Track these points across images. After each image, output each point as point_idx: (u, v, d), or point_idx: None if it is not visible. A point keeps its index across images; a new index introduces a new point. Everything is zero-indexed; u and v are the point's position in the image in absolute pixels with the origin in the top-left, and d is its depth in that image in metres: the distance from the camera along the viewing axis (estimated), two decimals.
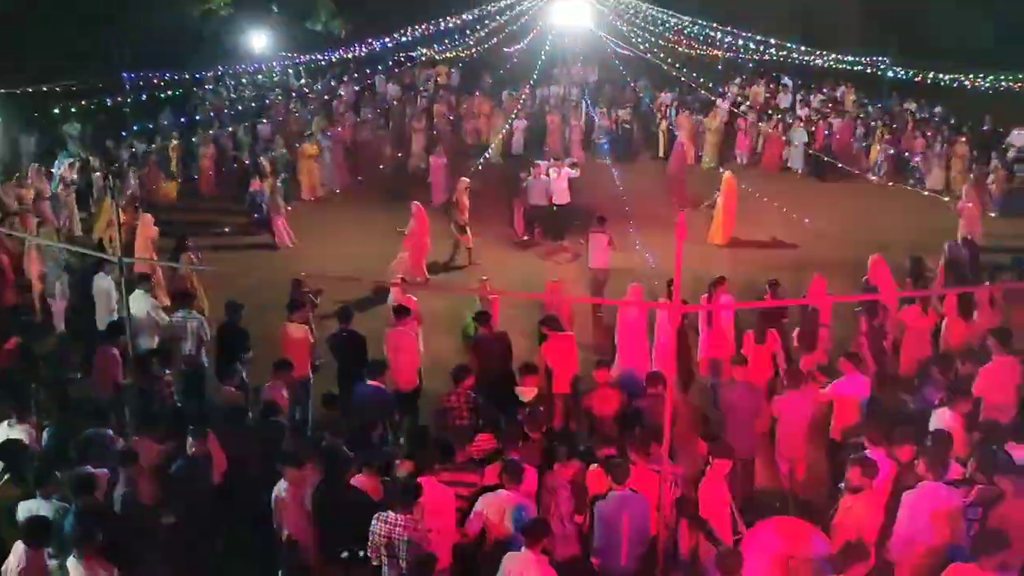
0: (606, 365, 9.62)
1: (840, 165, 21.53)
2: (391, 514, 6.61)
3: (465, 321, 11.41)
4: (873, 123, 23.78)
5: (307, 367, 10.49)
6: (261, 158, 20.17)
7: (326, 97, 27.00)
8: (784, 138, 23.29)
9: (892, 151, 22.26)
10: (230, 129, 22.61)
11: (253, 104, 26.41)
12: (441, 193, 19.43)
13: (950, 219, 16.84)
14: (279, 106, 25.62)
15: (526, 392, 9.12)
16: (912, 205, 20.03)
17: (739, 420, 9.06)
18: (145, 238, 14.58)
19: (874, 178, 21.99)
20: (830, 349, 11.09)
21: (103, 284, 11.95)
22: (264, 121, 23.53)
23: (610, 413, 8.99)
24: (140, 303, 11.12)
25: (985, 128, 23.17)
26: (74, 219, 17.75)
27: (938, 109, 25.32)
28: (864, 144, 23.05)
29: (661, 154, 24.23)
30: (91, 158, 19.54)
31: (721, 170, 18.80)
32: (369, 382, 9.22)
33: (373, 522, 6.66)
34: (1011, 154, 21.08)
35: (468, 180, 16.93)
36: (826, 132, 23.40)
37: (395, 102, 26.39)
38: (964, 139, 21.40)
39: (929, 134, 22.38)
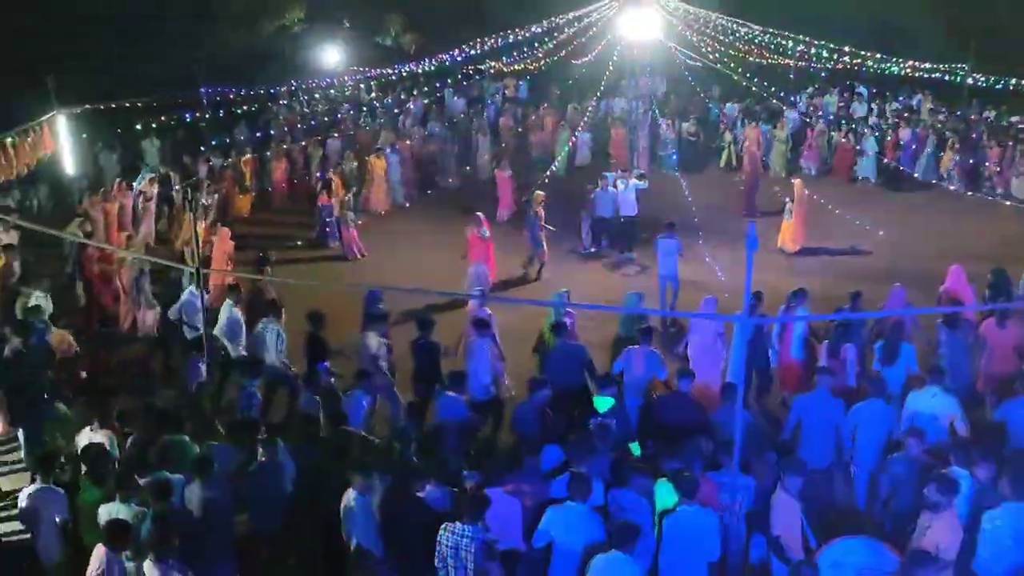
0: (685, 375, 9.50)
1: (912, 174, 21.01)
2: (458, 524, 6.64)
3: (543, 332, 11.38)
4: (947, 133, 23.08)
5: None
6: (330, 172, 20.43)
7: (395, 111, 27.33)
8: (856, 147, 22.80)
9: (967, 160, 21.58)
10: (302, 143, 22.96)
11: (325, 118, 26.85)
12: (508, 207, 19.50)
13: None
14: (349, 121, 26.06)
15: (602, 403, 9.00)
16: (990, 214, 19.39)
17: (816, 432, 8.88)
18: (222, 252, 14.85)
19: (951, 187, 21.40)
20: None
21: (190, 297, 11.97)
22: (335, 135, 23.86)
23: (683, 424, 8.88)
24: (228, 313, 11.42)
25: None
26: (151, 232, 18.17)
27: (1015, 118, 24.47)
28: (936, 153, 22.38)
29: (722, 164, 24.13)
30: (170, 173, 20.06)
31: (793, 179, 18.38)
32: (448, 393, 9.30)
33: (441, 532, 6.71)
34: None
35: (543, 193, 16.85)
36: (899, 142, 22.81)
37: (462, 115, 26.58)
38: None
39: (1011, 143, 21.62)
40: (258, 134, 23.96)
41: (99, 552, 6.58)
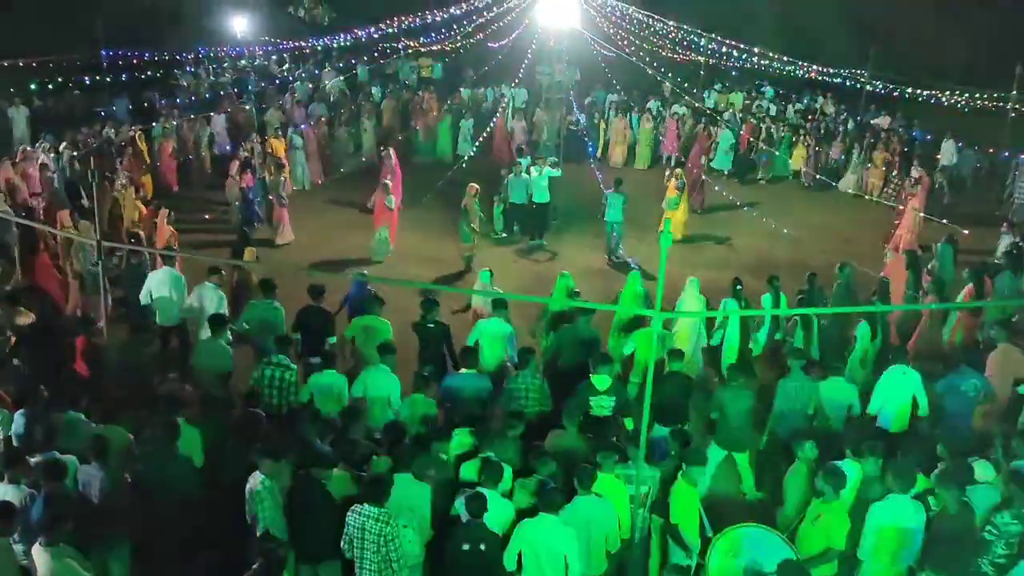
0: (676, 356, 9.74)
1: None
2: (365, 506, 6.64)
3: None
4: (801, 129, 24.12)
5: None
6: (243, 151, 19.23)
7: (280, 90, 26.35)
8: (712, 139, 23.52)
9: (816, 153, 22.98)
10: (191, 117, 21.49)
11: (221, 92, 25.74)
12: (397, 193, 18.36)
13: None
14: (234, 97, 24.89)
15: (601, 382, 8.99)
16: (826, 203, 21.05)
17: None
18: (164, 235, 13.95)
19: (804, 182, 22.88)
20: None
21: (165, 278, 11.29)
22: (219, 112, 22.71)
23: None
24: (212, 295, 10.88)
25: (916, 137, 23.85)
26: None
27: (877, 120, 25.78)
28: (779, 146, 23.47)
29: (598, 154, 24.16)
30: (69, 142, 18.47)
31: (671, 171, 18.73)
32: (463, 370, 9.27)
33: (348, 514, 6.70)
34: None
35: (477, 186, 16.42)
36: (750, 138, 23.71)
37: (342, 95, 25.93)
38: (887, 148, 21.90)
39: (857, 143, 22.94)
40: (162, 100, 23.03)
41: None
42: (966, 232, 16.24)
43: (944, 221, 16.90)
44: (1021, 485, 7.16)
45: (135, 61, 22.94)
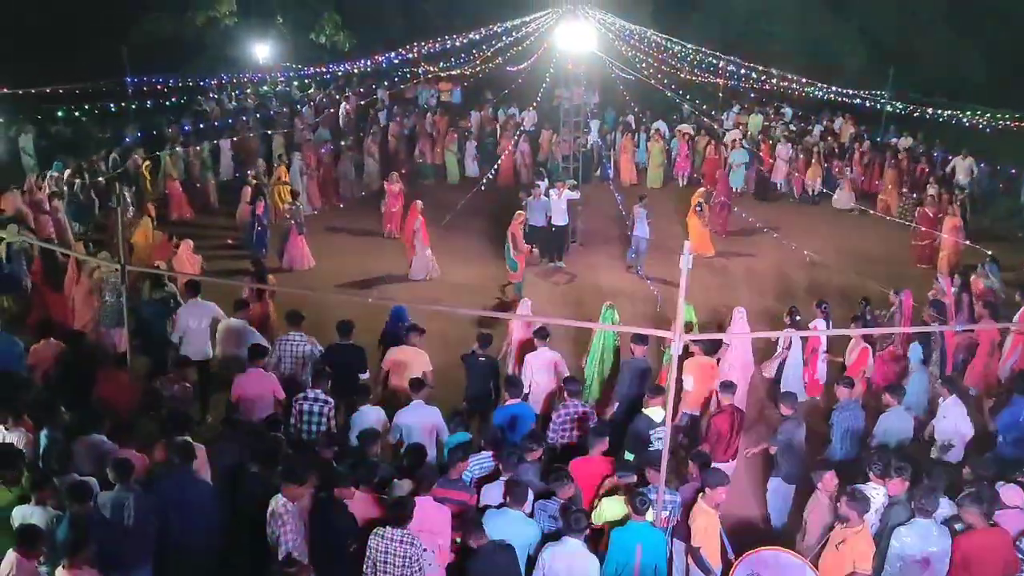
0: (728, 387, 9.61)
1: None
2: (388, 529, 6.64)
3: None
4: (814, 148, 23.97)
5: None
6: (252, 176, 18.96)
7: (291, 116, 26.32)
8: (726, 159, 23.47)
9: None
10: (197, 147, 21.26)
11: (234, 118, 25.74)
12: (395, 224, 18.58)
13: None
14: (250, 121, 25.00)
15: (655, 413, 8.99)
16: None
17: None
18: (188, 267, 13.71)
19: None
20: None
21: (199, 311, 11.05)
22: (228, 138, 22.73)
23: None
24: (237, 328, 10.73)
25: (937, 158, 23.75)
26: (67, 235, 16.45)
27: (898, 141, 25.53)
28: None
29: (597, 173, 24.05)
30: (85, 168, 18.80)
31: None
32: (510, 401, 9.24)
33: (371, 537, 6.71)
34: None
35: (524, 213, 16.30)
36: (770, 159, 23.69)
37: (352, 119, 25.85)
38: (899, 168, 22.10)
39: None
40: (186, 127, 23.32)
41: (10, 558, 6.33)
42: (989, 252, 16.16)
43: (967, 242, 16.79)
44: None
45: (159, 88, 23.25)
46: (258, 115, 26.29)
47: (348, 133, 24.26)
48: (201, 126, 23.60)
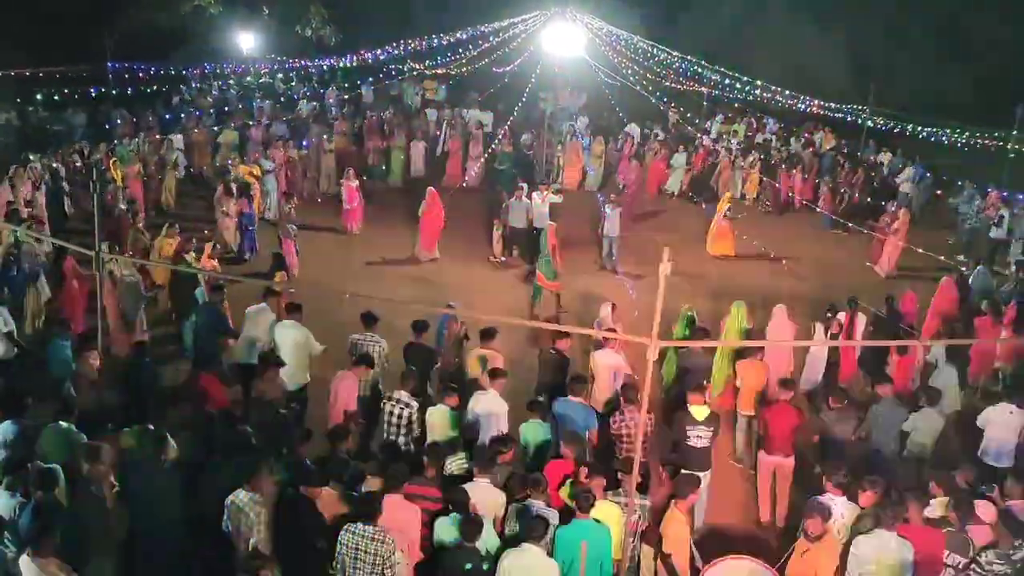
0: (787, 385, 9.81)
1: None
2: (359, 525, 6.62)
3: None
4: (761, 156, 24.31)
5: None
6: (234, 172, 18.40)
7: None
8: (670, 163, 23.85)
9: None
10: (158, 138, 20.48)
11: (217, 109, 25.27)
12: (358, 219, 18.72)
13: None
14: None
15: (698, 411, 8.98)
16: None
17: None
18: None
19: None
20: None
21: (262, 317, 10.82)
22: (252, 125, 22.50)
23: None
24: (291, 332, 10.31)
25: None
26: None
27: (878, 157, 25.96)
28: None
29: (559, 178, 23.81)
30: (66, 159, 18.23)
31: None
32: (571, 398, 9.20)
33: (342, 533, 6.68)
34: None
35: (555, 224, 16.04)
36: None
37: (307, 117, 25.16)
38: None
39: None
40: (167, 116, 23.05)
41: None
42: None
43: (920, 250, 17.04)
44: (1009, 526, 7.12)
45: (140, 75, 22.99)
46: (240, 106, 26.00)
47: (305, 131, 23.73)
48: (149, 117, 22.60)
